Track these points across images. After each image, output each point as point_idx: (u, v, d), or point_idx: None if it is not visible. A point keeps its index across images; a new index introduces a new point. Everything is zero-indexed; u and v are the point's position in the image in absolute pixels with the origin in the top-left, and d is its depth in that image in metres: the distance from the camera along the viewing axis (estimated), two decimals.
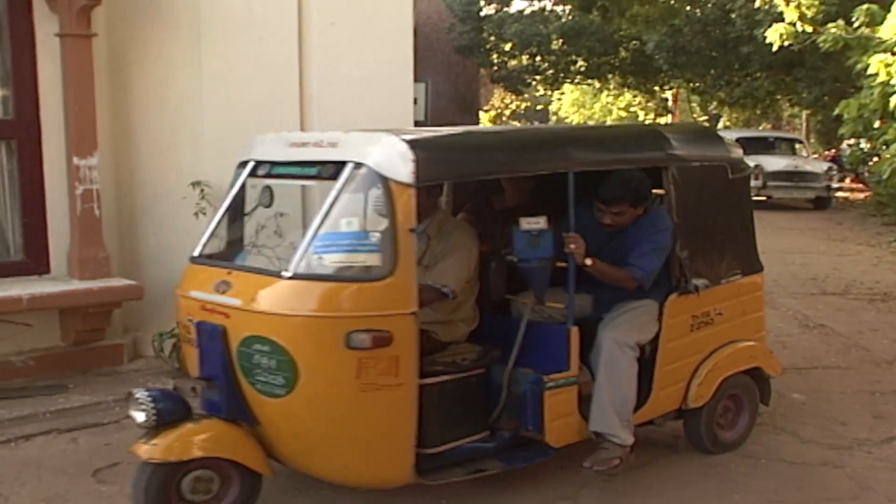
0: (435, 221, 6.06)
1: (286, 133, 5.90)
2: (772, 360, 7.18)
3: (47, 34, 7.68)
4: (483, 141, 6.00)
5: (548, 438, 5.88)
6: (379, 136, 5.39)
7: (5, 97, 7.93)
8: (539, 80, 35.93)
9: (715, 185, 6.64)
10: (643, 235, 6.07)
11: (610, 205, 5.99)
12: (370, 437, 5.27)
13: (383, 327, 5.00)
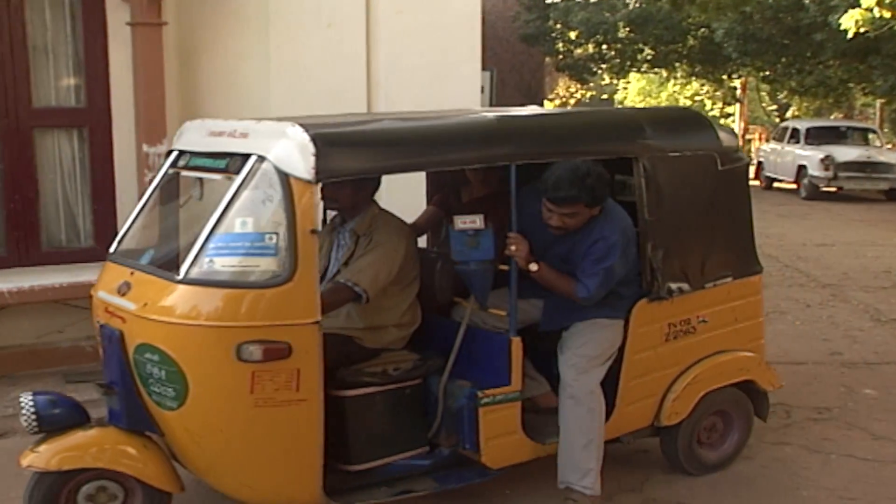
0: (366, 219, 5.41)
1: (209, 120, 5.30)
2: (769, 372, 6.21)
3: (119, 23, 7.54)
4: (399, 133, 5.06)
5: (484, 459, 5.16)
6: (284, 126, 4.69)
7: (77, 86, 7.78)
8: (605, 69, 34.35)
9: (699, 177, 5.73)
10: (590, 248, 5.08)
11: (560, 205, 5.05)
12: (270, 455, 4.64)
13: (280, 338, 4.42)
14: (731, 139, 6.08)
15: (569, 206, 5.04)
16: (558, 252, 5.22)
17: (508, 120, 5.37)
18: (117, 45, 7.69)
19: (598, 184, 5.02)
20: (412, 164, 5.18)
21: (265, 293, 4.46)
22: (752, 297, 6.18)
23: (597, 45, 31.20)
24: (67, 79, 7.87)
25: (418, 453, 5.25)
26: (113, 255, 5.16)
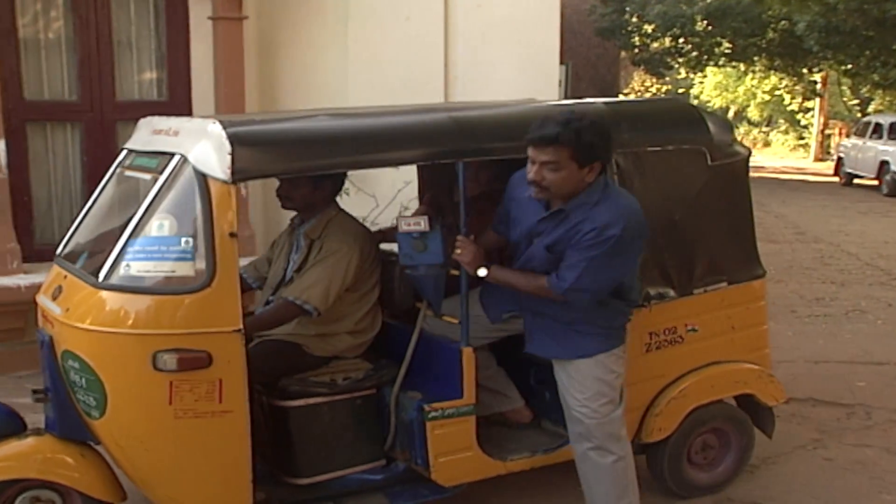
0: (321, 222, 4.79)
1: (156, 118, 4.85)
2: (771, 384, 5.29)
3: (200, 18, 7.43)
4: (323, 132, 4.50)
5: (434, 476, 4.54)
6: (206, 124, 4.16)
7: (159, 79, 7.68)
8: (681, 63, 32.27)
9: (685, 174, 4.99)
10: (581, 237, 4.17)
11: (540, 147, 4.10)
12: (195, 469, 4.13)
13: (198, 346, 3.96)
14: (725, 132, 5.31)
15: (550, 152, 4.07)
16: (543, 242, 4.33)
17: (453, 116, 4.71)
18: (199, 39, 7.55)
19: (591, 135, 4.08)
20: (337, 164, 4.55)
21: (182, 299, 4.00)
22: (752, 304, 5.33)
23: (673, 39, 29.90)
24: (150, 73, 7.74)
25: (372, 467, 4.73)
26: (57, 258, 4.73)
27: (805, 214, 17.71)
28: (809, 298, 10.35)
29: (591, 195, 4.17)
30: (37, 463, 4.34)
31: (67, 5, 7.41)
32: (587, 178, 4.14)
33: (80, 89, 7.47)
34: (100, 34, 7.46)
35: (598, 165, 4.13)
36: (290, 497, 4.58)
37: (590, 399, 4.42)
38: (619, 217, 4.13)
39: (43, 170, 7.45)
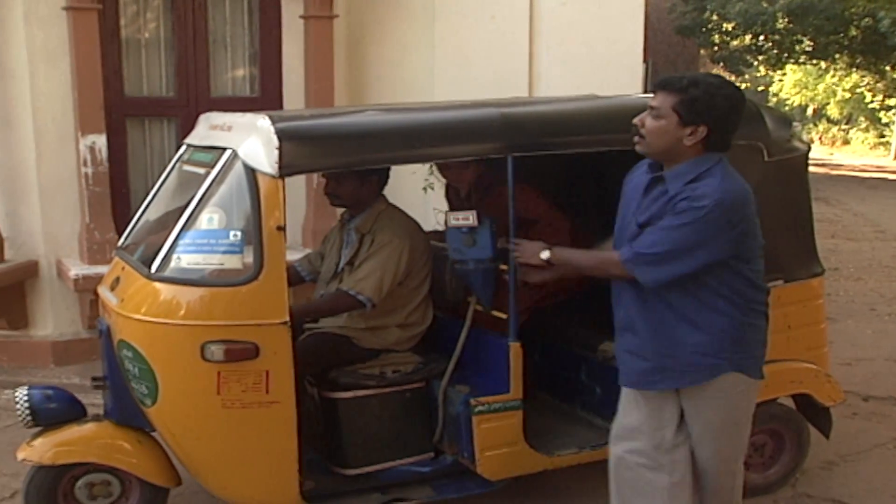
0: (371, 215, 4.54)
1: (215, 113, 4.70)
2: (828, 384, 4.82)
3: (292, 16, 7.18)
4: (369, 127, 4.25)
5: (480, 469, 4.29)
6: (256, 119, 3.99)
7: (252, 76, 7.47)
8: (761, 61, 31.95)
9: (741, 169, 4.05)
10: (672, 208, 3.51)
11: (653, 93, 3.62)
12: (243, 458, 3.97)
13: (245, 338, 3.79)
14: (783, 127, 4.84)
15: (658, 98, 3.55)
16: (638, 219, 3.67)
17: (502, 112, 4.37)
18: (290, 37, 7.28)
19: (702, 92, 3.48)
20: (383, 159, 4.32)
21: (230, 292, 3.83)
22: (810, 302, 4.86)
23: (753, 37, 28.97)
24: (243, 70, 7.52)
25: (420, 459, 4.49)
26: (117, 250, 4.61)
27: (885, 213, 16.80)
28: (889, 297, 9.68)
29: (695, 167, 3.53)
30: (97, 448, 4.23)
31: (166, 6, 7.24)
32: (686, 142, 3.51)
33: (176, 86, 7.31)
34: (196, 33, 7.27)
35: (702, 130, 3.51)
36: (338, 487, 4.36)
37: (722, 440, 3.92)
38: (717, 191, 3.47)
39: (140, 163, 7.32)
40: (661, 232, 3.50)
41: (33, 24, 6.66)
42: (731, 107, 3.55)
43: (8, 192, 6.86)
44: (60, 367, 6.94)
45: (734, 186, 3.56)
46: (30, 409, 4.20)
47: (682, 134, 3.50)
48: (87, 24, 6.56)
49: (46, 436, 4.22)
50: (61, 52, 6.70)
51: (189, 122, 6.77)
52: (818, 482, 5.03)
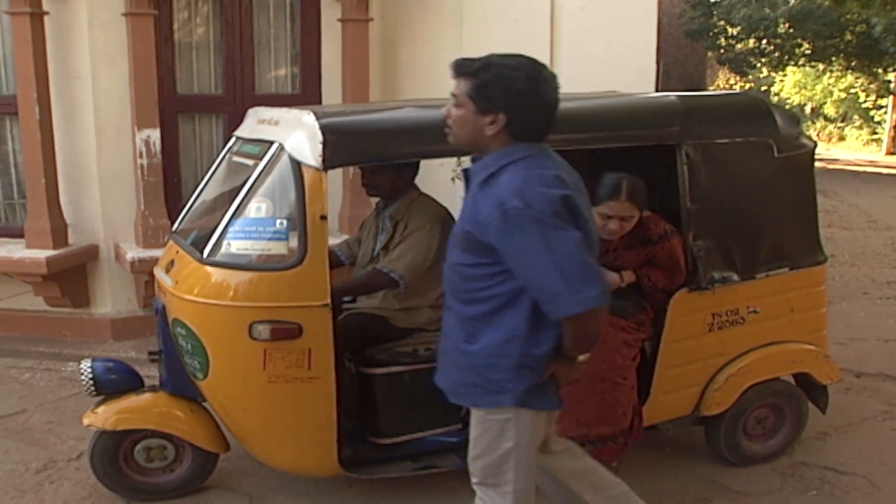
0: (405, 203, 4.56)
1: (262, 108, 4.67)
2: (827, 364, 4.82)
3: (331, 20, 7.18)
4: (406, 122, 4.17)
5: None
6: (302, 115, 3.96)
7: (293, 75, 7.43)
8: (764, 63, 30.82)
9: (752, 164, 4.51)
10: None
11: (457, 78, 3.06)
12: (286, 428, 3.98)
13: (290, 319, 3.78)
14: (792, 125, 4.77)
15: (458, 84, 3.10)
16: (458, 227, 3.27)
17: None
18: (328, 39, 7.27)
19: (493, 75, 2.99)
20: (418, 152, 4.25)
21: (276, 276, 3.81)
22: (812, 288, 4.84)
23: (757, 41, 28.50)
24: (285, 69, 7.48)
25: (449, 430, 4.48)
26: (172, 235, 4.60)
27: (877, 204, 16.68)
28: (881, 282, 9.67)
29: (497, 160, 2.97)
30: (154, 416, 4.27)
31: (215, 12, 7.23)
32: (488, 131, 2.95)
33: (224, 84, 7.29)
34: (242, 36, 7.25)
35: (501, 118, 2.93)
36: (373, 455, 4.35)
37: (476, 457, 3.38)
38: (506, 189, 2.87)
39: (190, 155, 7.31)
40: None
41: (96, 28, 6.70)
42: (530, 90, 2.92)
43: (71, 181, 6.89)
44: (118, 342, 6.97)
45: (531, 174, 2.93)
46: (93, 380, 4.23)
47: (481, 123, 2.95)
48: (143, 28, 6.61)
49: (108, 404, 4.27)
50: (120, 54, 6.73)
51: (235, 118, 6.81)
52: (813, 451, 5.04)
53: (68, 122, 6.82)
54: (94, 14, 6.68)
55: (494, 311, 2.97)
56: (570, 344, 2.95)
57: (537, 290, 2.86)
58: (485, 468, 3.16)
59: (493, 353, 2.98)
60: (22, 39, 6.46)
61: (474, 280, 2.97)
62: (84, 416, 4.26)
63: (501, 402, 3.02)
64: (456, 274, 3.04)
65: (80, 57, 6.75)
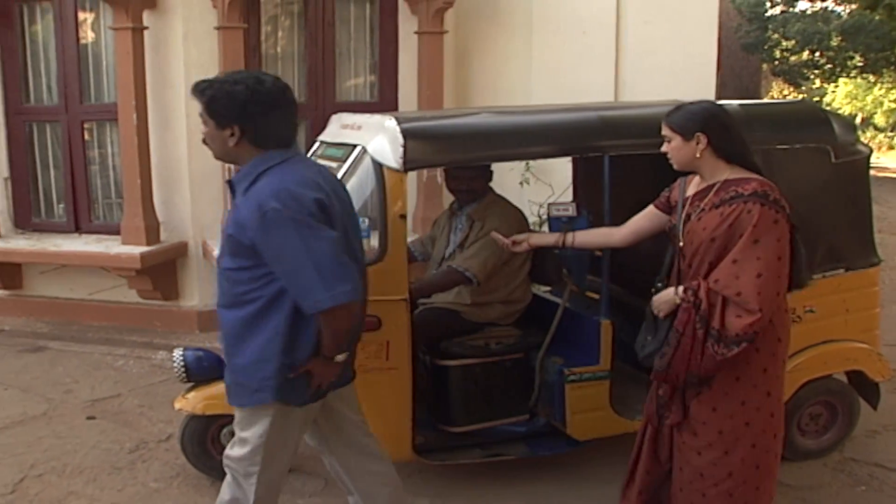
0: (482, 205, 4.52)
1: (345, 114, 4.66)
2: (879, 362, 4.67)
3: (408, 32, 7.21)
4: (482, 127, 4.16)
5: (570, 431, 4.24)
6: (384, 120, 3.93)
7: (372, 84, 7.47)
8: (817, 74, 31.32)
9: (811, 170, 4.40)
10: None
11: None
12: (364, 415, 3.75)
13: (370, 312, 3.61)
14: (848, 132, 4.67)
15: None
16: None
17: (600, 115, 4.24)
18: (405, 50, 7.30)
19: (223, 97, 2.99)
20: (493, 156, 4.25)
21: None
22: (866, 289, 4.71)
23: (810, 53, 28.20)
24: (364, 78, 7.52)
25: (517, 420, 4.43)
26: None
27: None
28: None
29: (253, 169, 2.97)
30: None
31: (300, 25, 7.27)
32: (230, 143, 2.97)
33: (307, 92, 7.31)
34: (325, 47, 7.29)
35: (237, 129, 2.95)
36: (445, 442, 4.31)
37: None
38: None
39: None
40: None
41: (190, 41, 6.80)
42: (254, 101, 2.92)
43: (164, 183, 6.97)
44: (204, 332, 7.02)
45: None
46: (185, 367, 4.24)
47: (223, 136, 2.97)
48: (234, 40, 6.68)
49: (198, 390, 4.28)
50: (211, 64, 6.80)
51: (317, 124, 6.87)
52: (863, 448, 4.89)
53: (163, 128, 6.91)
54: (189, 28, 6.77)
55: (259, 312, 2.96)
56: (327, 342, 2.97)
57: (295, 286, 2.87)
58: (239, 458, 3.20)
59: (257, 354, 2.99)
60: (124, 52, 6.58)
61: (240, 284, 2.97)
62: (175, 401, 4.30)
63: (263, 400, 3.04)
64: (225, 279, 3.03)
65: (174, 68, 6.84)
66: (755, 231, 3.09)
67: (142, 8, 6.63)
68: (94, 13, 7.09)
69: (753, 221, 3.09)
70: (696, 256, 3.22)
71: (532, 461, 4.42)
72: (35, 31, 7.33)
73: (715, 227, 3.17)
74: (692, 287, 3.15)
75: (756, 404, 3.22)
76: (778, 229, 3.12)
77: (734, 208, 3.15)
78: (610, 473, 4.29)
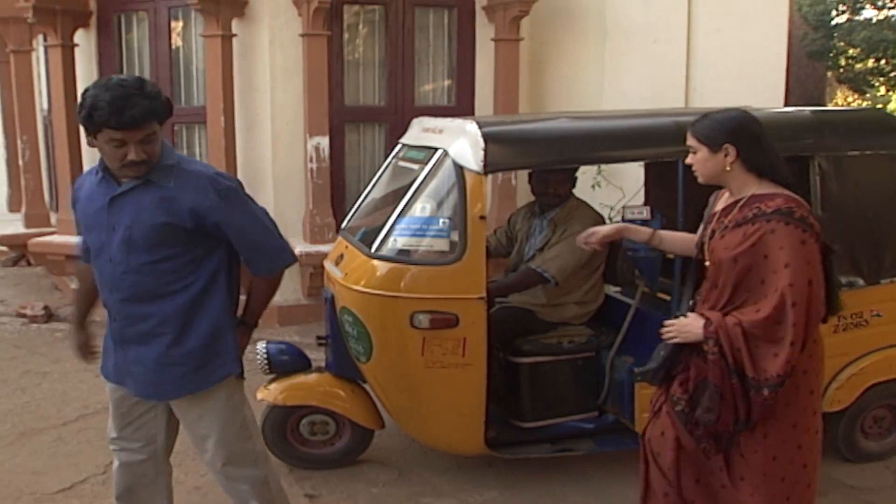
0: (566, 209, 4.49)
1: (426, 118, 4.66)
2: None
3: (484, 39, 7.22)
4: (567, 131, 4.12)
5: (638, 428, 4.14)
6: (465, 124, 3.93)
7: (450, 89, 7.46)
8: (881, 82, 31.94)
9: (880, 176, 4.30)
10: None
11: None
12: (439, 410, 3.94)
13: (448, 310, 3.75)
14: None
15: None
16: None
17: (676, 120, 4.12)
18: (482, 56, 7.29)
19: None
20: (570, 159, 4.21)
21: (437, 270, 3.79)
22: None
23: (876, 61, 27.76)
24: (442, 83, 7.52)
25: (586, 417, 4.39)
26: (342, 231, 4.61)
27: None
28: None
29: (167, 158, 2.95)
30: (319, 394, 4.31)
31: (381, 32, 7.31)
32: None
33: (387, 97, 7.34)
34: (405, 54, 7.29)
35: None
36: (516, 437, 4.30)
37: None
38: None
39: (354, 160, 7.38)
40: None
41: (276, 48, 6.88)
42: (89, 105, 2.77)
43: (249, 182, 7.03)
44: (284, 327, 7.06)
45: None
46: (268, 360, 4.30)
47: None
48: (318, 47, 6.73)
49: (279, 382, 4.32)
50: (295, 70, 6.88)
51: (396, 128, 6.90)
52: None
53: (248, 131, 7.00)
54: (275, 35, 6.86)
55: (202, 292, 2.95)
56: (260, 307, 3.14)
57: (265, 252, 3.01)
58: (230, 444, 3.11)
59: (212, 330, 2.98)
60: (213, 58, 6.70)
61: (166, 274, 2.91)
62: (258, 392, 4.32)
63: (230, 372, 3.04)
64: (145, 275, 2.92)
65: (260, 73, 6.93)
66: (781, 254, 2.77)
67: (231, 17, 6.75)
68: (186, 22, 7.21)
69: (780, 244, 2.78)
70: (720, 276, 2.94)
71: (598, 457, 4.40)
72: (131, 39, 7.49)
73: (736, 245, 2.88)
74: (712, 336, 2.84)
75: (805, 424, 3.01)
76: (806, 251, 2.78)
77: (757, 227, 2.84)
78: None
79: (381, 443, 4.62)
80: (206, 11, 6.55)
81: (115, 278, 2.91)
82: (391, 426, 4.39)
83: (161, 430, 3.18)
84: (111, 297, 2.96)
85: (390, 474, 4.44)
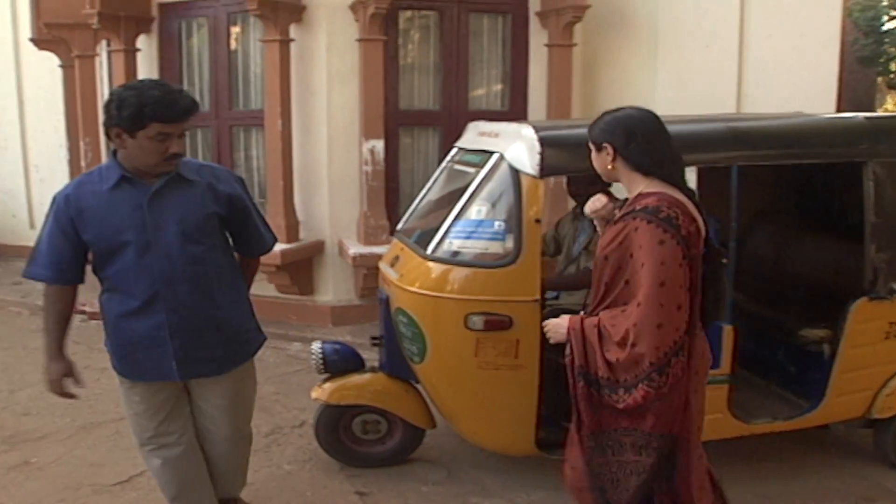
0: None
1: (482, 122, 4.65)
2: None
3: (538, 45, 7.19)
4: None
5: None
6: (521, 128, 3.92)
7: (503, 93, 7.43)
8: None
9: None
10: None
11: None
12: (491, 410, 3.91)
13: (502, 312, 3.72)
14: None
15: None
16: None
17: (729, 126, 4.12)
18: (535, 61, 7.26)
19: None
20: None
21: (492, 272, 3.77)
22: None
23: None
24: (495, 88, 7.49)
25: None
26: (397, 233, 4.61)
27: None
28: None
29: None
30: (372, 393, 4.32)
31: (436, 38, 7.32)
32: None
33: (441, 101, 7.34)
34: (459, 59, 7.29)
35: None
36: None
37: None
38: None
39: (408, 163, 7.39)
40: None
41: (333, 52, 6.93)
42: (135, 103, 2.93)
43: (305, 184, 7.11)
44: (336, 327, 7.09)
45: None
46: (322, 359, 4.33)
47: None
48: (374, 52, 6.76)
49: (333, 381, 4.35)
50: (351, 74, 6.92)
51: (449, 132, 6.89)
52: None
53: (305, 133, 7.05)
54: (332, 40, 6.91)
55: (233, 271, 3.31)
56: (250, 285, 3.54)
57: (265, 232, 3.45)
58: (251, 404, 3.59)
59: (247, 304, 3.41)
60: (272, 62, 6.76)
61: (217, 259, 3.20)
62: (312, 391, 4.37)
63: (264, 338, 3.53)
64: (200, 263, 3.13)
65: (317, 77, 6.97)
66: (640, 253, 2.70)
67: (289, 22, 6.81)
68: (244, 27, 7.29)
69: (640, 242, 2.71)
70: (596, 274, 2.93)
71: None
72: (191, 44, 7.59)
73: (607, 244, 2.86)
74: (569, 339, 2.88)
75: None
76: (663, 251, 2.67)
77: (624, 225, 2.80)
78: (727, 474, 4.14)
79: (431, 442, 4.63)
80: (264, 17, 6.61)
81: (175, 271, 3.05)
82: (442, 426, 4.38)
83: (188, 418, 3.37)
84: (169, 292, 3.06)
85: (440, 473, 4.44)
